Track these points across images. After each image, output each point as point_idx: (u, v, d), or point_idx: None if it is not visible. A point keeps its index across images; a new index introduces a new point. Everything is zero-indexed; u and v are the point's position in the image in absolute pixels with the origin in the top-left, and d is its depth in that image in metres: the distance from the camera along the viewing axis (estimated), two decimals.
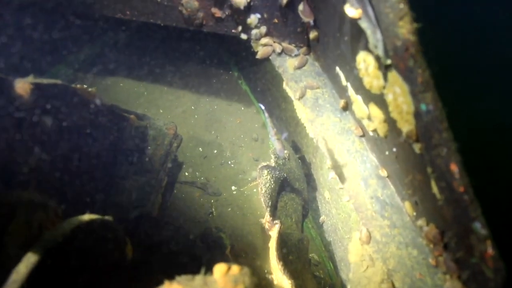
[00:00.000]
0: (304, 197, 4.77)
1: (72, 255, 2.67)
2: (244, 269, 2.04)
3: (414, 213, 3.02)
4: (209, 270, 2.09)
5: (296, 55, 3.92)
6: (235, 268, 2.02)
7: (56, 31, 4.89)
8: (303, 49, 3.89)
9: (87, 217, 2.80)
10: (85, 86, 3.44)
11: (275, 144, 3.49)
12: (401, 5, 2.11)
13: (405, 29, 2.12)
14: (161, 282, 1.97)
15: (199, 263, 4.41)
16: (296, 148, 5.02)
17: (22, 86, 2.87)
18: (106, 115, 3.85)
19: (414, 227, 3.11)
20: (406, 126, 2.39)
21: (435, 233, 2.65)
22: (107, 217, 3.02)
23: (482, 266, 2.17)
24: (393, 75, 2.34)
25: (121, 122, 4.11)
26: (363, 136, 3.50)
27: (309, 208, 4.93)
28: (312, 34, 3.61)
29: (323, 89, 3.78)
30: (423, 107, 2.16)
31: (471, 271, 2.31)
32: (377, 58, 2.50)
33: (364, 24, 2.47)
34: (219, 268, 2.01)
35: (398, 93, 2.33)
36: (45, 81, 3.07)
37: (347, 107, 3.60)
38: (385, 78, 2.48)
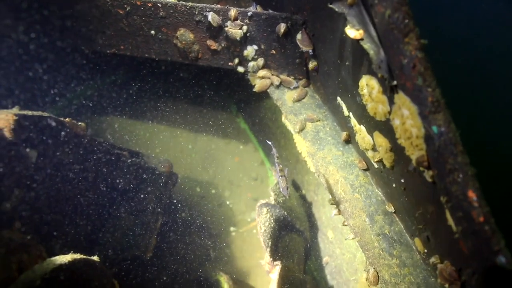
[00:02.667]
0: (306, 237, 4.52)
1: None
2: None
3: (426, 250, 2.79)
4: None
5: (295, 88, 3.78)
6: None
7: (52, 69, 4.81)
8: (302, 81, 3.77)
9: (69, 257, 2.57)
10: (74, 120, 3.28)
11: (280, 181, 3.28)
12: (406, 21, 1.97)
13: (411, 45, 1.97)
14: None
15: None
16: (296, 186, 4.82)
17: (5, 117, 2.71)
18: (97, 151, 3.67)
19: (426, 266, 2.88)
20: (416, 152, 2.20)
21: (451, 271, 2.40)
22: (92, 258, 2.79)
23: None
24: (399, 97, 2.17)
25: (113, 158, 3.92)
26: (367, 169, 3.31)
27: (311, 248, 4.67)
28: (311, 64, 3.49)
29: (324, 121, 3.62)
30: (434, 129, 1.98)
31: None
32: (381, 81, 2.35)
33: (366, 45, 2.33)
34: None
35: (406, 116, 2.16)
36: (30, 113, 2.91)
37: (349, 140, 3.43)
38: (391, 101, 2.31)
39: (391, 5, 2.01)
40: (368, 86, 2.52)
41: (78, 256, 2.64)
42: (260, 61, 3.72)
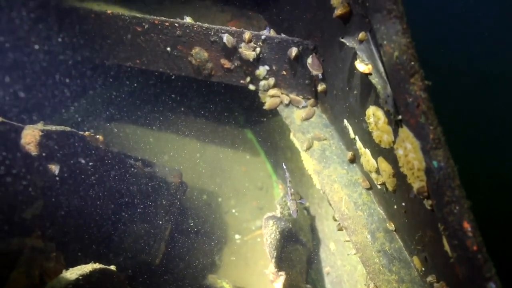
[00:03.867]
0: (309, 248, 4.69)
1: None
2: None
3: (423, 269, 2.95)
4: None
5: (303, 107, 3.95)
6: None
7: (65, 76, 5.00)
8: (311, 101, 3.93)
9: (89, 266, 2.75)
10: (92, 133, 3.46)
11: (291, 205, 3.50)
12: (412, 63, 2.14)
13: (416, 86, 2.14)
14: None
15: None
16: (301, 199, 4.99)
17: (32, 133, 2.89)
18: (113, 162, 3.85)
19: (423, 283, 3.04)
20: (417, 182, 2.37)
21: None
22: (110, 267, 2.97)
23: None
24: (403, 131, 2.35)
25: (127, 169, 4.10)
26: (370, 188, 3.47)
27: (314, 259, 4.84)
28: (320, 87, 3.66)
29: (330, 140, 3.79)
30: (435, 164, 2.15)
31: None
32: (387, 113, 2.52)
33: (374, 80, 2.50)
34: None
35: (409, 149, 2.33)
36: (53, 128, 3.09)
37: (354, 160, 3.60)
38: (395, 133, 2.49)
39: (399, 47, 2.19)
40: (375, 116, 2.69)
41: (97, 265, 2.81)
42: (271, 81, 3.89)
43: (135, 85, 5.69)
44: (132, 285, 3.83)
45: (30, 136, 2.88)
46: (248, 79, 3.97)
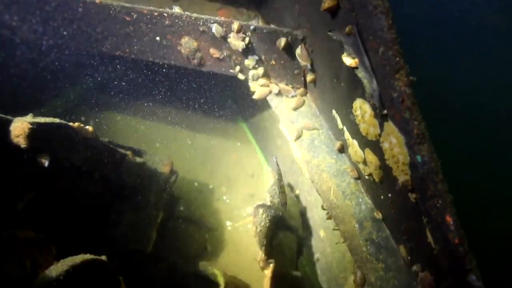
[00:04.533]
0: (299, 235, 4.76)
1: None
2: None
3: (409, 257, 3.02)
4: None
5: (293, 96, 3.97)
6: None
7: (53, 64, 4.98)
8: (300, 90, 3.95)
9: (80, 257, 2.78)
10: (82, 124, 3.46)
11: (280, 197, 3.55)
12: (397, 59, 2.16)
13: (401, 81, 2.17)
14: None
15: None
16: (291, 186, 5.04)
17: (21, 125, 2.89)
18: (103, 152, 3.86)
19: (409, 271, 3.10)
20: (402, 175, 2.42)
21: (430, 281, 2.64)
22: (101, 257, 3.00)
23: None
24: (389, 125, 2.38)
25: (118, 158, 4.11)
26: (358, 178, 3.52)
27: (303, 245, 4.91)
28: (309, 77, 3.67)
29: (319, 130, 3.82)
30: (418, 158, 2.19)
31: None
32: (373, 107, 2.55)
33: (360, 74, 2.53)
34: None
35: (394, 143, 2.37)
36: (43, 120, 3.09)
37: (343, 149, 3.64)
38: (381, 127, 2.52)
39: (384, 43, 2.21)
40: (361, 109, 2.72)
41: (88, 256, 2.85)
42: (260, 70, 3.90)
43: (125, 74, 5.67)
44: (124, 273, 3.88)
45: (19, 129, 2.88)
46: (237, 68, 3.98)
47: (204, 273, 4.51)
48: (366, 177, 3.22)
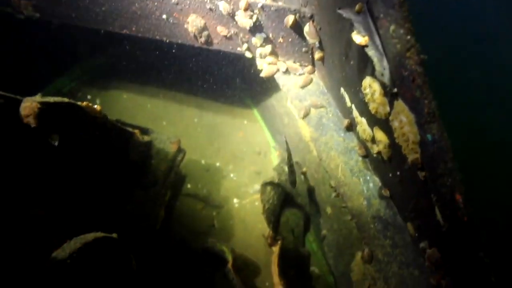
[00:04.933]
0: (306, 212, 4.80)
1: (79, 274, 2.70)
2: None
3: (416, 234, 3.05)
4: None
5: (300, 74, 3.96)
6: None
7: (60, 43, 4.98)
8: (308, 68, 3.93)
9: (92, 235, 2.83)
10: (90, 104, 3.47)
11: (289, 176, 3.58)
12: (408, 37, 2.15)
13: (412, 60, 2.16)
14: None
15: (202, 277, 4.46)
16: (298, 163, 5.05)
17: (30, 105, 2.90)
18: (111, 131, 3.88)
19: (416, 247, 3.14)
20: (412, 154, 2.43)
21: (438, 258, 2.68)
22: (112, 235, 3.05)
23: None
24: (399, 104, 2.38)
25: (125, 137, 4.13)
26: (366, 156, 3.53)
27: (311, 222, 4.96)
28: (317, 55, 3.65)
29: (327, 108, 3.82)
30: (429, 137, 2.20)
31: None
32: (383, 85, 2.54)
33: (371, 52, 2.51)
34: None
35: (404, 122, 2.37)
36: (52, 99, 3.09)
37: (351, 127, 3.64)
38: (391, 105, 2.52)
39: (395, 21, 2.19)
40: (371, 87, 2.71)
41: (99, 234, 2.89)
42: (268, 48, 3.88)
43: (131, 53, 5.65)
44: (133, 250, 3.94)
45: (29, 109, 2.89)
46: (245, 46, 3.96)
47: (213, 249, 4.57)
48: (375, 155, 3.23)
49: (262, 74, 4.00)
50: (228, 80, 5.72)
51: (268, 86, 5.27)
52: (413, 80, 2.17)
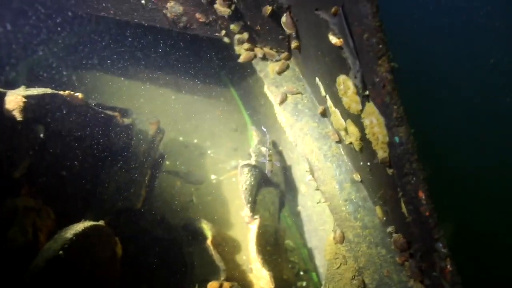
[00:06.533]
0: (282, 189, 5.02)
1: (71, 263, 2.85)
2: (234, 286, 2.27)
3: (384, 218, 3.29)
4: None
5: (277, 60, 4.07)
6: (226, 285, 2.25)
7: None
8: (284, 55, 4.04)
9: (81, 225, 2.97)
10: (72, 92, 3.53)
11: (267, 165, 3.71)
12: (380, 46, 2.29)
13: (383, 67, 2.31)
14: None
15: (182, 253, 4.66)
16: (274, 143, 5.23)
17: (15, 99, 2.96)
18: (93, 117, 3.96)
19: (383, 228, 3.39)
20: (381, 152, 2.62)
21: (403, 242, 2.93)
22: (99, 223, 3.20)
23: (442, 280, 2.47)
24: (370, 106, 2.55)
25: (106, 121, 4.22)
26: (339, 142, 3.71)
27: (285, 199, 5.19)
28: (294, 44, 3.76)
29: (302, 94, 3.96)
30: (396, 139, 2.39)
31: (432, 282, 2.61)
32: (356, 86, 2.70)
33: (345, 54, 2.65)
34: (212, 286, 2.24)
35: (374, 123, 2.55)
36: (35, 91, 3.16)
37: (325, 113, 3.80)
38: (363, 105, 2.68)
39: (368, 30, 2.33)
40: (345, 84, 2.86)
41: (88, 223, 3.04)
42: (246, 35, 3.96)
43: (104, 30, 5.61)
44: (116, 231, 4.10)
45: (14, 103, 2.96)
46: (223, 32, 4.03)
47: (192, 226, 4.76)
48: (347, 143, 3.41)
49: (240, 60, 4.10)
50: (205, 59, 5.77)
51: (245, 66, 5.36)
52: (384, 86, 2.33)
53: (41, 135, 3.20)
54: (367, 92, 2.54)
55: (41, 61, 5.38)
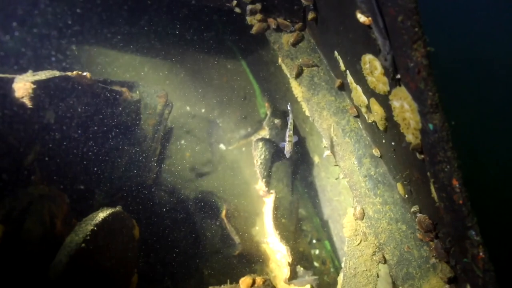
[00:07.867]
0: (294, 160, 4.96)
1: (93, 253, 2.82)
2: (267, 281, 2.24)
3: (406, 196, 3.24)
4: (234, 281, 2.28)
5: (291, 31, 3.90)
6: (259, 280, 2.22)
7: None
8: (299, 25, 3.87)
9: (101, 214, 2.92)
10: (80, 72, 3.39)
11: (286, 145, 3.59)
12: (416, 29, 2.15)
13: (418, 52, 2.18)
14: None
15: (195, 226, 4.65)
16: (286, 114, 5.12)
17: (24, 86, 2.83)
18: (101, 95, 3.83)
19: (404, 204, 3.36)
20: (412, 137, 2.52)
21: (428, 223, 2.88)
22: (116, 209, 3.15)
23: (473, 266, 2.44)
24: (402, 90, 2.43)
25: (115, 98, 4.09)
26: (358, 116, 3.62)
27: (298, 169, 5.14)
28: (311, 16, 3.58)
29: (319, 67, 3.82)
30: (430, 126, 2.29)
31: (463, 267, 2.58)
32: (386, 69, 2.57)
33: (374, 34, 2.50)
34: (245, 281, 2.20)
35: (406, 108, 2.44)
36: (43, 75, 3.02)
37: (343, 87, 3.68)
38: (392, 87, 2.56)
39: (403, 12, 2.18)
40: (371, 64, 2.73)
41: (106, 211, 2.98)
42: (258, 5, 3.78)
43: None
44: (130, 206, 4.07)
45: (23, 90, 2.83)
46: (234, 2, 3.84)
47: (205, 199, 4.74)
48: (365, 116, 3.30)
49: (253, 31, 3.93)
50: (210, 26, 5.55)
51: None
52: (419, 72, 2.21)
53: (52, 121, 3.08)
54: (398, 76, 2.42)
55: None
